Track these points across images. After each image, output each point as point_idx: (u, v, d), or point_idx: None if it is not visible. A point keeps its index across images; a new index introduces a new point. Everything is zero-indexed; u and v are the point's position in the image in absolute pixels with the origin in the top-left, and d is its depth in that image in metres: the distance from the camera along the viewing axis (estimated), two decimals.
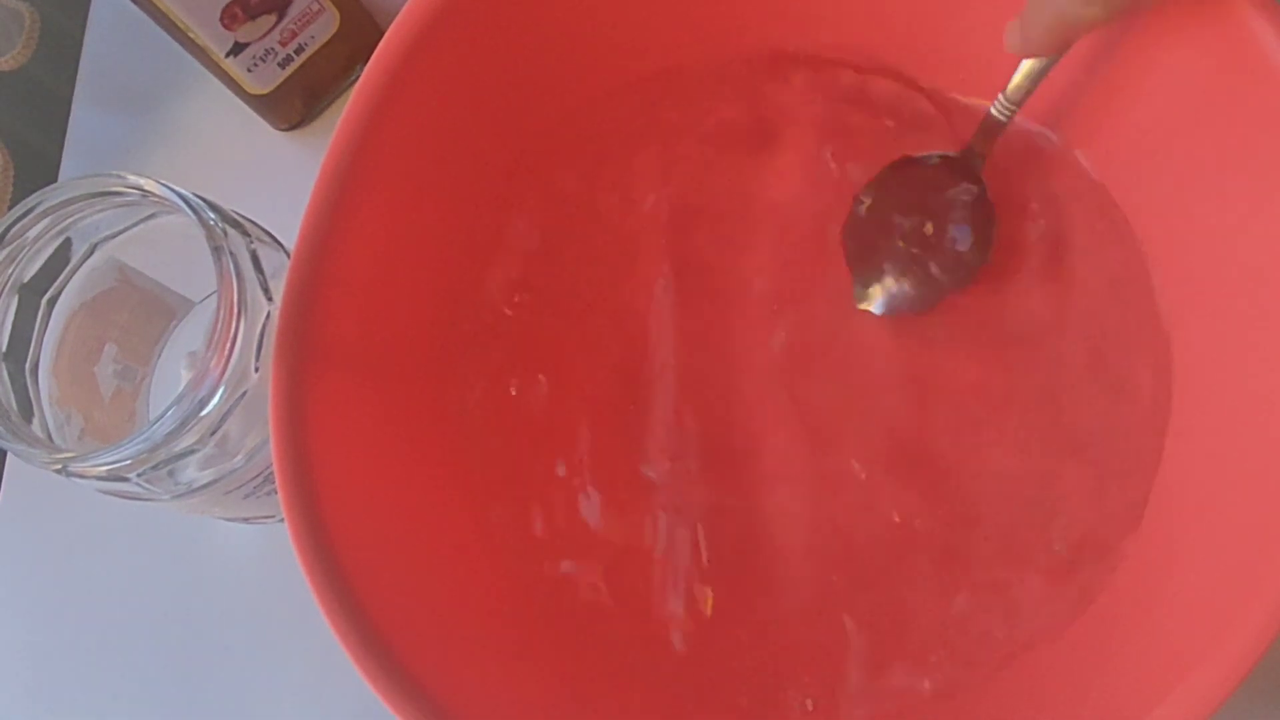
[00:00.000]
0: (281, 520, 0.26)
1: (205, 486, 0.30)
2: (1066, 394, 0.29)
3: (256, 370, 0.28)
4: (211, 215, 0.28)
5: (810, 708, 0.28)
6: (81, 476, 0.28)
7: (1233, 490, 0.24)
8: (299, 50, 0.38)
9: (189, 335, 0.36)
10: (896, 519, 0.29)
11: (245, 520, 0.34)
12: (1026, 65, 0.26)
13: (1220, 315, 0.26)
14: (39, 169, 0.47)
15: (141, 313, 0.35)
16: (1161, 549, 0.26)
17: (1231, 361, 0.26)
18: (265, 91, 0.39)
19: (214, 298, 0.27)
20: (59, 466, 0.27)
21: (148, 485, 0.28)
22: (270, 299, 0.29)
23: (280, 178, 0.39)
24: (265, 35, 0.37)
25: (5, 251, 0.29)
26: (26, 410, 0.30)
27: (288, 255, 0.30)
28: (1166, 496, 0.27)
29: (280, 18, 0.37)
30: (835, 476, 0.30)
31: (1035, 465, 0.29)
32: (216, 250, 0.27)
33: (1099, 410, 0.28)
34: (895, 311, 0.30)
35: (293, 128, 0.41)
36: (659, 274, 0.32)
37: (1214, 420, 0.26)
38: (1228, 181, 0.25)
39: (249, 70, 0.38)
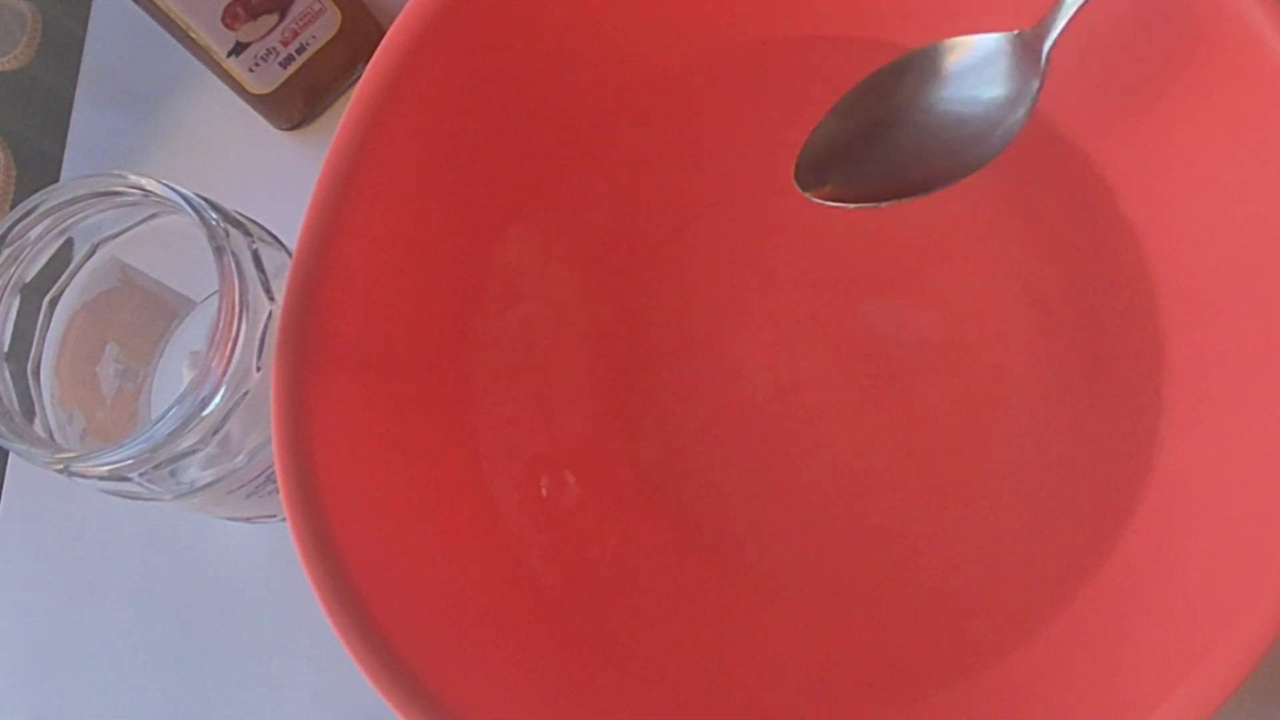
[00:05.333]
0: (283, 520, 0.26)
1: (207, 486, 0.30)
2: (1060, 387, 0.29)
3: (258, 370, 0.28)
4: (213, 215, 0.28)
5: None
6: (83, 476, 0.28)
7: (1233, 488, 0.24)
8: (300, 50, 0.38)
9: (191, 335, 0.36)
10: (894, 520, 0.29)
11: (247, 520, 0.34)
12: None
13: (1219, 311, 0.26)
14: (41, 169, 0.47)
15: (143, 312, 0.35)
16: (1161, 548, 0.26)
17: (1229, 359, 0.26)
18: (267, 91, 0.39)
19: (215, 297, 0.27)
20: (61, 466, 0.27)
21: (149, 485, 0.28)
22: (272, 299, 0.29)
23: (282, 177, 0.39)
24: (267, 35, 0.37)
25: (7, 252, 0.29)
26: (29, 410, 0.30)
27: (289, 255, 0.30)
28: (1166, 495, 0.27)
29: (282, 17, 0.37)
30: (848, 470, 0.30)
31: (1025, 460, 0.29)
32: (218, 250, 0.27)
33: (1092, 403, 0.28)
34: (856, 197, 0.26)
35: (294, 127, 0.41)
36: (669, 277, 0.32)
37: (1214, 418, 0.26)
38: (1228, 177, 0.25)
39: (250, 70, 0.38)
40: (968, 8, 0.28)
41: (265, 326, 0.28)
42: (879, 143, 0.26)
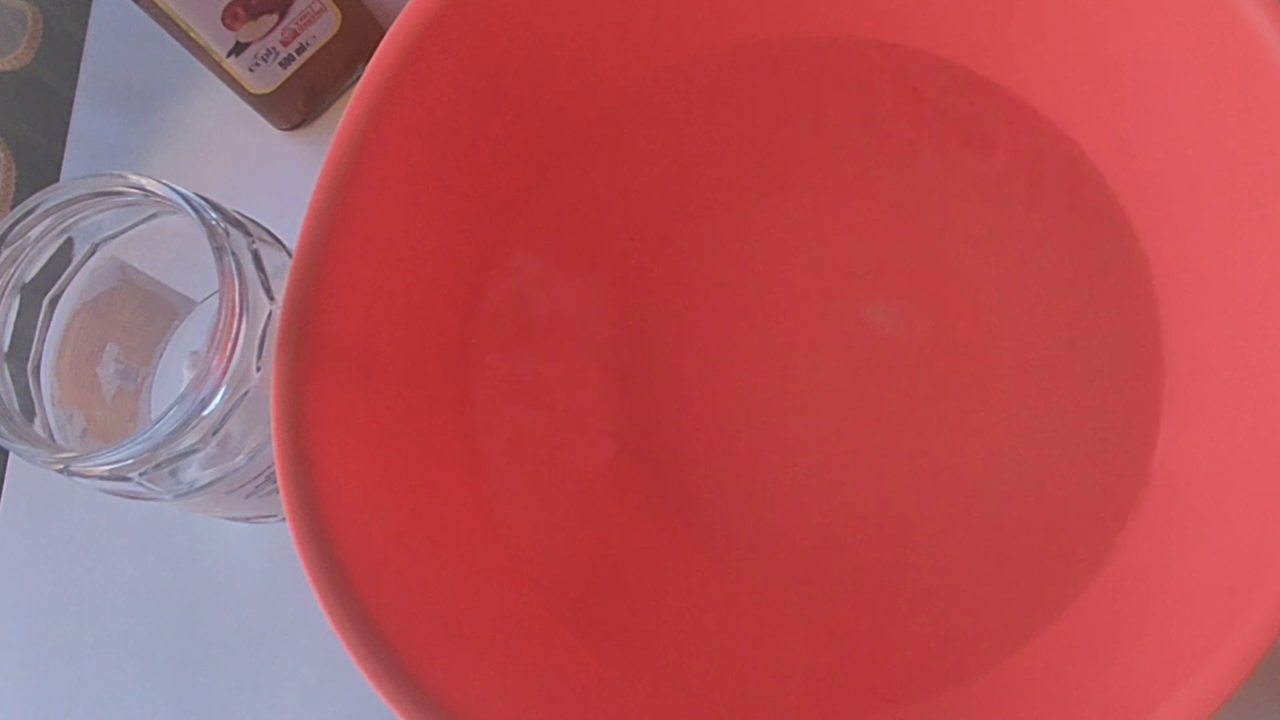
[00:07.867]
0: (283, 520, 0.26)
1: (207, 486, 0.30)
2: (1060, 387, 0.29)
3: (258, 370, 0.28)
4: (213, 215, 0.28)
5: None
6: (83, 476, 0.28)
7: (1233, 489, 0.24)
8: (300, 50, 0.38)
9: (191, 335, 0.36)
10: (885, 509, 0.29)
11: (247, 520, 0.34)
12: None
13: (1219, 311, 0.26)
14: (41, 169, 0.47)
15: (143, 313, 0.35)
16: (1161, 548, 0.26)
17: (1229, 360, 0.26)
18: (267, 91, 0.39)
19: (215, 297, 0.27)
20: (61, 466, 0.27)
21: (150, 485, 0.28)
22: (272, 299, 0.29)
23: (282, 177, 0.39)
24: (267, 35, 0.37)
25: (7, 252, 0.29)
26: (29, 410, 0.30)
27: (289, 255, 0.30)
28: (1165, 495, 0.27)
29: (282, 17, 0.37)
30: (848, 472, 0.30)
31: (1024, 461, 0.29)
32: (218, 250, 0.27)
33: (1093, 404, 0.28)
34: None
35: (294, 127, 0.41)
36: (669, 278, 0.32)
37: (1213, 417, 0.26)
38: (1228, 177, 0.25)
39: (250, 70, 0.38)
40: (965, 7, 0.28)
41: (265, 326, 0.28)
42: None
